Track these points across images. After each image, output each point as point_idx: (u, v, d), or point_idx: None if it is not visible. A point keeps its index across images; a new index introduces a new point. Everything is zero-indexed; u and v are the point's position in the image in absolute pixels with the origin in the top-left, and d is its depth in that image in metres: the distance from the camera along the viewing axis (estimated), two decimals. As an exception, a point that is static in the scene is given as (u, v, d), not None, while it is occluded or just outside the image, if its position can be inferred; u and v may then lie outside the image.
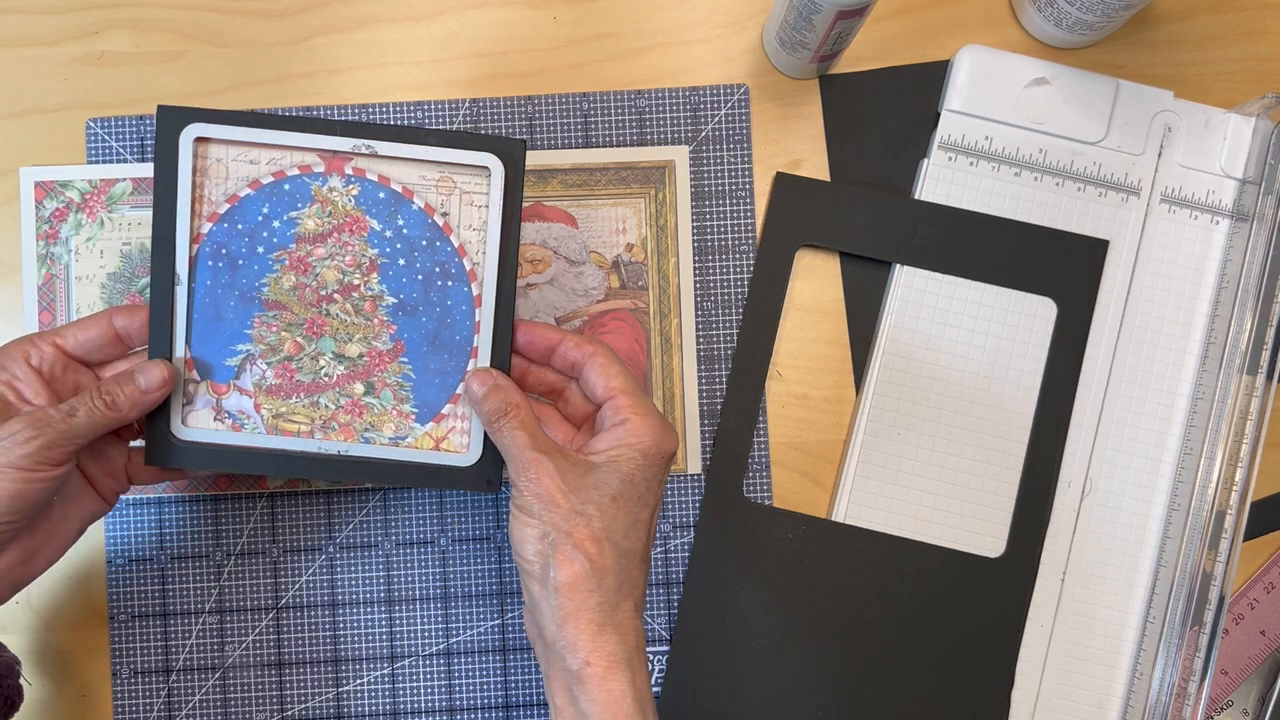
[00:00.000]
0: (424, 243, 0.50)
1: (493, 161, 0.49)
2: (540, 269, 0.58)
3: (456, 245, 0.50)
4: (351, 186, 0.50)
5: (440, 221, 0.50)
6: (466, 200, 0.50)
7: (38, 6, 0.59)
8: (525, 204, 0.58)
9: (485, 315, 0.50)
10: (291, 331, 0.50)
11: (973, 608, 0.57)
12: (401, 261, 0.50)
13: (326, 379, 0.51)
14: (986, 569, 0.57)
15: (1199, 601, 0.55)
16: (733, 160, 0.59)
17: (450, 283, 0.50)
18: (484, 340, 0.50)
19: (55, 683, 0.57)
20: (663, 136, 0.59)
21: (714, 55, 0.60)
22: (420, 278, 0.50)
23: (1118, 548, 0.58)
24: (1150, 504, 0.58)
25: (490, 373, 0.49)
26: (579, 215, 0.58)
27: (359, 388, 0.51)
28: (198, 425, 0.50)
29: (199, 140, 0.49)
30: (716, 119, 0.59)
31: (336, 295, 0.50)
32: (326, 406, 0.51)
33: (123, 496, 0.57)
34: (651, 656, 0.58)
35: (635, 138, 0.59)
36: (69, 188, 0.58)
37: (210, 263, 0.50)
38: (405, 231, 0.50)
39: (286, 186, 0.50)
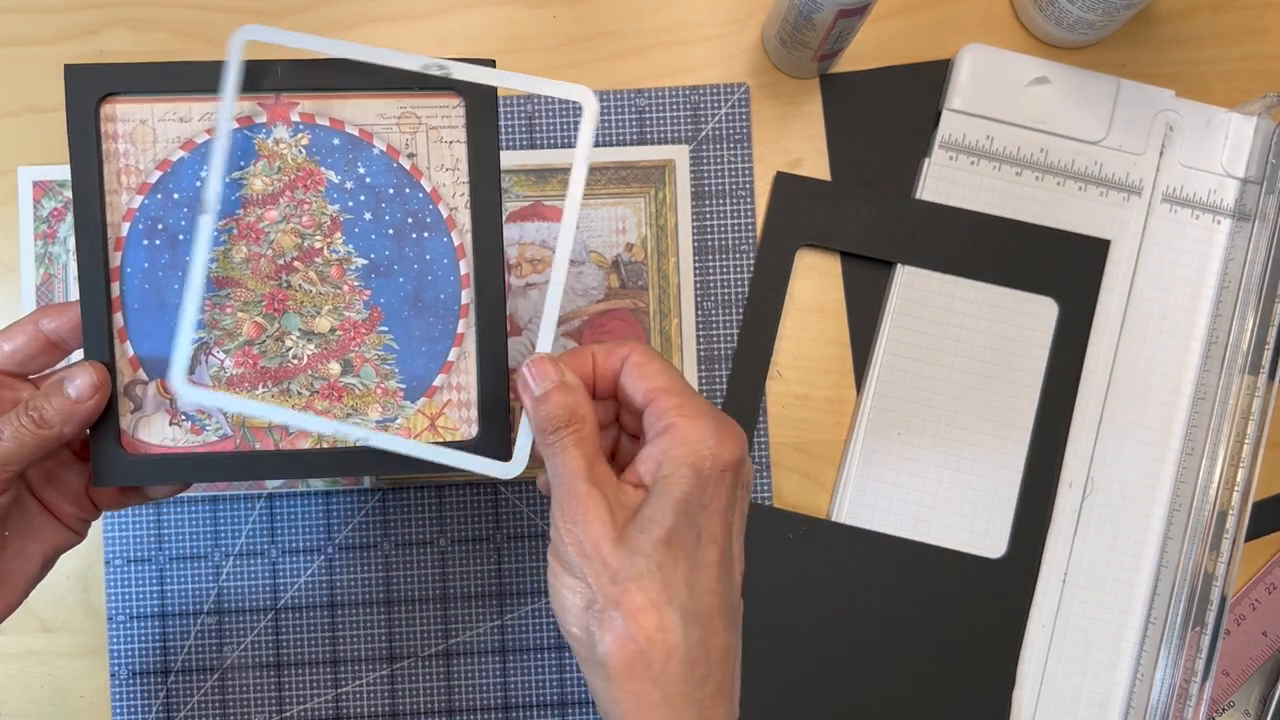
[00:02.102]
0: (391, 191, 0.44)
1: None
2: (540, 269, 0.58)
3: (429, 190, 0.44)
4: (301, 135, 0.43)
5: (407, 164, 0.44)
6: (435, 137, 0.44)
7: (37, 6, 0.59)
8: (525, 203, 0.58)
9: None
10: (249, 311, 0.44)
11: (974, 608, 0.57)
12: (367, 216, 0.44)
13: (296, 362, 0.44)
14: (987, 570, 0.57)
15: (1200, 602, 0.55)
16: (733, 160, 0.59)
17: (426, 234, 0.44)
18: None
19: (54, 684, 0.57)
20: (663, 136, 0.59)
21: (714, 54, 0.59)
22: (391, 232, 0.44)
23: (1119, 548, 0.58)
24: (1152, 504, 0.58)
25: (556, 365, 0.40)
26: (579, 215, 0.58)
27: (335, 367, 0.44)
28: (151, 433, 0.44)
29: (111, 99, 0.43)
30: (717, 118, 0.59)
31: (297, 263, 0.44)
32: (299, 393, 0.44)
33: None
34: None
35: (635, 137, 0.59)
36: (67, 187, 0.58)
37: (145, 242, 0.43)
38: (368, 181, 0.44)
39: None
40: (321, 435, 0.44)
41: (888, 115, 0.59)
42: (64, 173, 0.58)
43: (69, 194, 0.57)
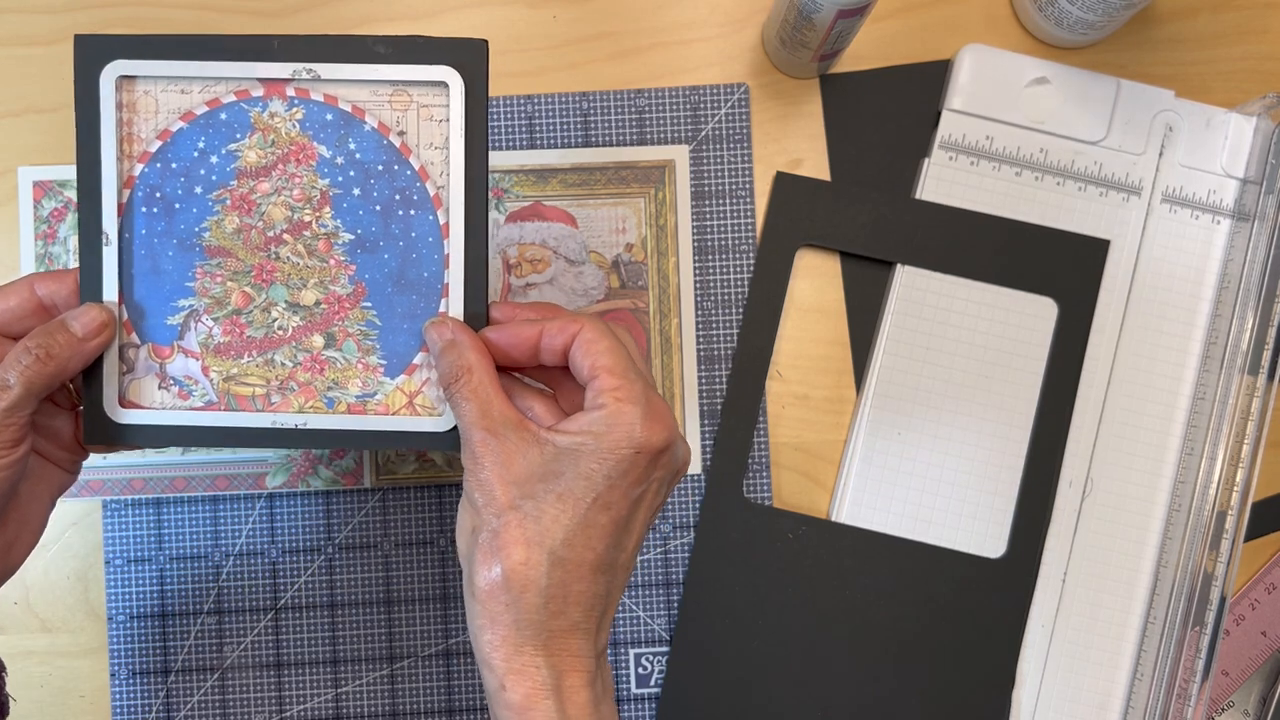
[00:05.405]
0: (380, 168, 0.44)
1: (450, 75, 0.43)
2: (540, 269, 0.58)
3: (417, 168, 0.44)
4: (295, 110, 0.44)
5: (397, 142, 0.44)
6: (425, 115, 0.44)
7: (37, 6, 0.59)
8: (525, 203, 0.58)
9: (454, 247, 0.44)
10: (238, 281, 0.45)
11: (973, 608, 0.57)
12: (356, 191, 0.45)
13: (281, 333, 0.45)
14: (987, 569, 0.57)
15: (1200, 602, 0.55)
16: (733, 160, 0.59)
17: (413, 212, 0.44)
18: (455, 276, 0.44)
19: (54, 684, 0.57)
20: (663, 136, 0.59)
21: (714, 54, 0.59)
22: (379, 208, 0.45)
23: (1119, 548, 0.58)
24: (1151, 504, 0.58)
25: (446, 324, 0.43)
26: (579, 215, 0.58)
27: (318, 340, 0.45)
28: (140, 395, 0.45)
29: (123, 76, 0.44)
30: (716, 118, 0.59)
31: (286, 236, 0.45)
32: (283, 364, 0.45)
33: (122, 497, 0.57)
34: (652, 656, 0.57)
35: (635, 137, 0.59)
36: (67, 187, 0.58)
37: (144, 209, 0.44)
38: (358, 157, 0.44)
39: (223, 116, 0.44)
40: (261, 427, 0.45)
41: (888, 115, 0.59)
42: (64, 173, 0.58)
43: (69, 194, 0.58)
